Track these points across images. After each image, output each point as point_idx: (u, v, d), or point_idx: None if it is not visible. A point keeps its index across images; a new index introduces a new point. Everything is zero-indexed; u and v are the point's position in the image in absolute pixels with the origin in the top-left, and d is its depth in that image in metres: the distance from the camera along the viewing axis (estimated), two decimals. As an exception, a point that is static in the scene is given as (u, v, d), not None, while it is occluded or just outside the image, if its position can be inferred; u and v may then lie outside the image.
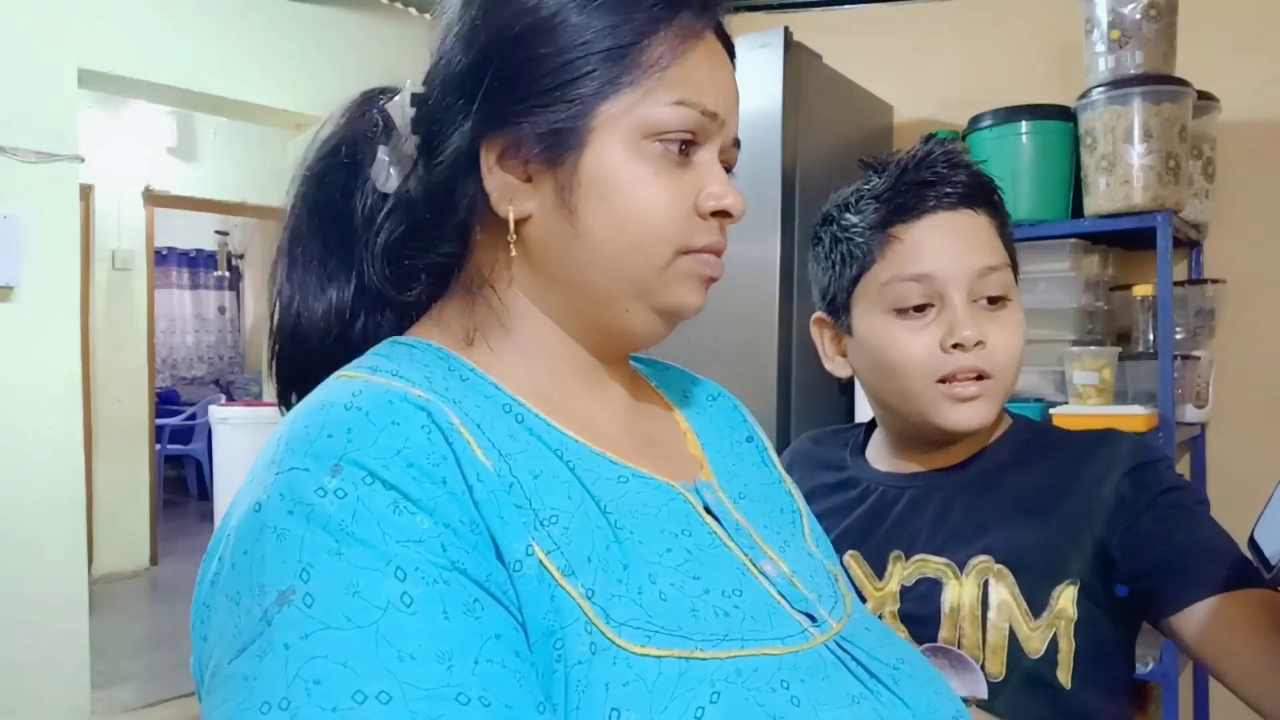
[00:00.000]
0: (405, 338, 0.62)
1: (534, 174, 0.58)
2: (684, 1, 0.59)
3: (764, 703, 0.49)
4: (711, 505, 0.62)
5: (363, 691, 0.41)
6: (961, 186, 0.89)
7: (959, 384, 0.86)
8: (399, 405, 0.50)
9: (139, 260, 5.03)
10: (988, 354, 0.86)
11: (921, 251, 0.87)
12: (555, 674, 0.47)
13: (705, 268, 0.61)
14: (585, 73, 0.56)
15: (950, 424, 0.87)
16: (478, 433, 0.52)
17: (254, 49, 3.06)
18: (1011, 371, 0.88)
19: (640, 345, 0.64)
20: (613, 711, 0.46)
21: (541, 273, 0.60)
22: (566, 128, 0.57)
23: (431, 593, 0.45)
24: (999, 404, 0.88)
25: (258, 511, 0.47)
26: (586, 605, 0.49)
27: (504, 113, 0.57)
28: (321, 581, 0.44)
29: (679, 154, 0.58)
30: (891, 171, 0.92)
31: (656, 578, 0.53)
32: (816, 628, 0.58)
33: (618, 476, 0.58)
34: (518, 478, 0.52)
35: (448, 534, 0.47)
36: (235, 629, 0.45)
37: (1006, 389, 0.88)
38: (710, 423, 0.74)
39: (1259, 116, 2.10)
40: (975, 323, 0.85)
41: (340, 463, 0.47)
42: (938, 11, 2.55)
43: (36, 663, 2.62)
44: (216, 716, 0.44)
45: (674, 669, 0.48)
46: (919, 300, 0.87)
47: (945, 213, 0.88)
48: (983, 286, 0.87)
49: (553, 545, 0.51)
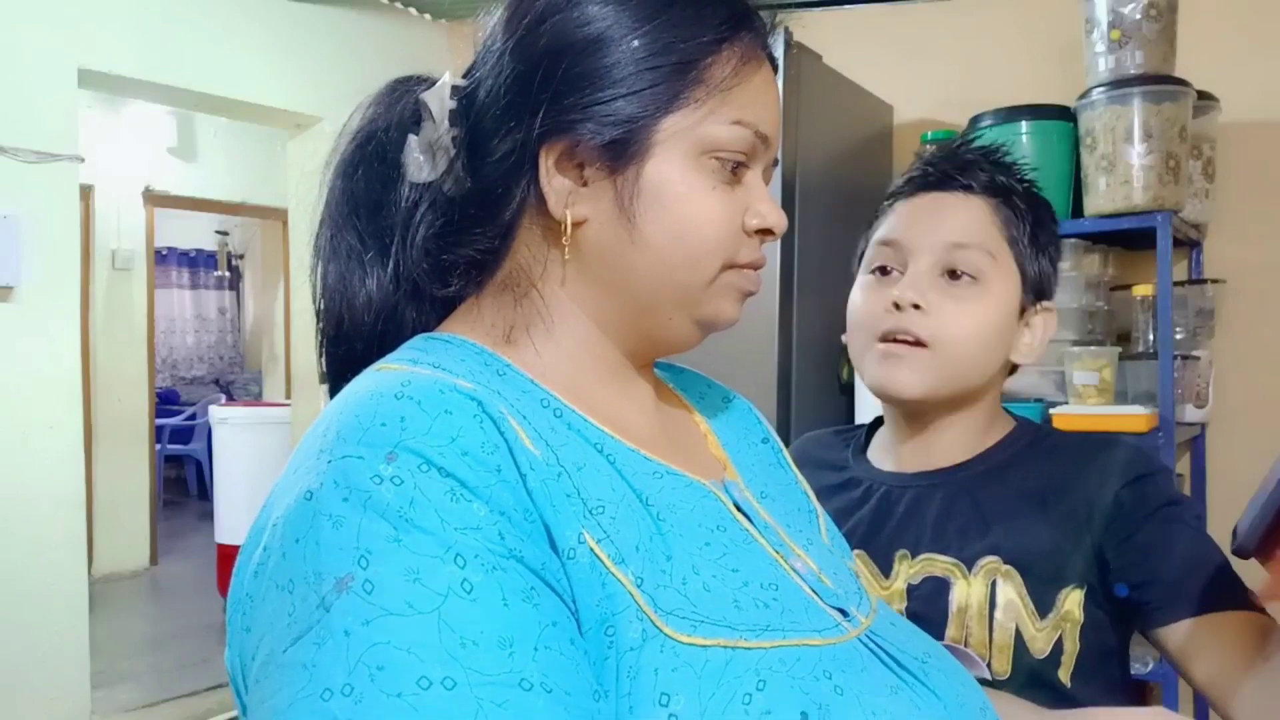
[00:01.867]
0: (438, 333, 0.62)
1: (591, 179, 0.59)
2: (748, 24, 0.61)
3: (809, 691, 0.50)
4: (740, 503, 0.63)
5: (427, 677, 0.41)
6: (970, 177, 0.91)
7: (892, 343, 0.88)
8: (450, 395, 0.50)
9: (139, 260, 5.03)
10: (930, 322, 0.87)
11: (900, 221, 0.92)
12: (608, 661, 0.48)
13: (747, 283, 0.63)
14: (653, 85, 0.58)
15: (873, 380, 0.90)
16: (524, 423, 0.53)
17: (254, 49, 3.06)
18: (956, 347, 0.87)
19: (673, 352, 0.66)
20: (663, 696, 0.47)
21: (591, 276, 0.61)
22: (631, 137, 0.58)
23: (491, 580, 0.45)
24: (937, 378, 0.88)
25: (309, 499, 0.47)
26: (637, 593, 0.50)
27: (567, 118, 0.58)
28: (381, 568, 0.44)
29: (731, 172, 0.60)
30: (919, 160, 0.97)
31: (699, 569, 0.54)
32: (849, 622, 0.59)
33: (653, 472, 0.58)
34: (564, 467, 0.53)
35: (504, 522, 0.47)
36: (289, 617, 0.44)
37: (951, 365, 0.88)
38: (728, 424, 0.75)
39: (1259, 116, 2.10)
40: (923, 290, 0.87)
41: (395, 450, 0.47)
42: (938, 11, 2.55)
43: (36, 663, 2.62)
44: (272, 704, 0.43)
45: (720, 657, 0.49)
46: (883, 263, 0.92)
47: (938, 193, 0.92)
48: (947, 259, 0.89)
49: (603, 534, 0.51)
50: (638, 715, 0.47)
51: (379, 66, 0.66)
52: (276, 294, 6.19)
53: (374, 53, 3.28)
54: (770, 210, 0.62)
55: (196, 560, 5.02)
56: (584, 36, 0.58)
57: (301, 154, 3.34)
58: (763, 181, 0.63)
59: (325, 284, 0.65)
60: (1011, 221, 0.91)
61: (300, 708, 0.42)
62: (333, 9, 3.24)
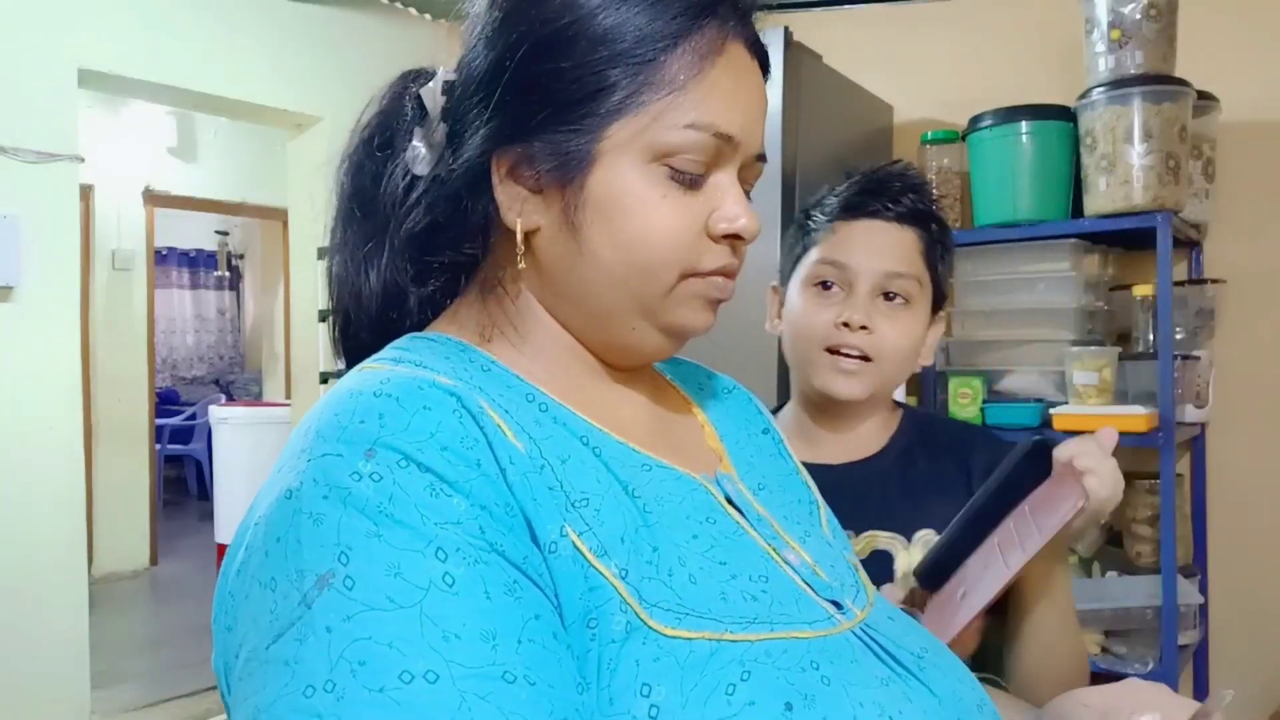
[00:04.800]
0: (425, 333, 0.62)
1: (544, 187, 0.58)
2: (709, 10, 0.57)
3: (794, 681, 0.50)
4: (733, 496, 0.63)
5: (409, 671, 0.41)
6: (901, 205, 1.05)
7: (844, 358, 1.03)
8: (428, 391, 0.50)
9: (139, 260, 5.03)
10: (873, 340, 1.02)
11: (846, 245, 1.05)
12: (590, 654, 0.48)
13: (713, 290, 0.60)
14: (597, 90, 0.55)
15: (827, 388, 1.04)
16: (507, 417, 0.53)
17: (254, 49, 3.06)
18: (893, 360, 1.04)
19: (650, 359, 0.65)
20: (644, 686, 0.47)
21: (548, 284, 0.61)
22: (575, 147, 0.56)
23: (473, 573, 0.45)
24: (876, 385, 1.04)
25: (289, 498, 0.47)
26: (620, 585, 0.50)
27: (517, 126, 0.57)
28: (362, 564, 0.44)
29: (690, 176, 0.57)
30: (855, 180, 1.09)
31: (686, 561, 0.53)
32: (842, 614, 0.59)
33: (641, 465, 0.58)
34: (548, 460, 0.53)
35: (484, 516, 0.47)
36: (271, 614, 0.44)
37: (886, 374, 1.04)
38: (727, 416, 0.74)
39: (1259, 116, 2.10)
40: (867, 312, 1.02)
41: (374, 447, 0.47)
42: (938, 11, 2.55)
43: (36, 662, 2.62)
44: (255, 702, 0.43)
45: (705, 649, 0.49)
46: (829, 279, 1.05)
47: (879, 221, 1.05)
48: (886, 285, 1.03)
49: (585, 527, 0.51)
50: (618, 706, 0.46)
51: (379, 66, 0.65)
52: (276, 294, 6.19)
53: (374, 53, 3.28)
54: (737, 214, 0.58)
55: (196, 560, 5.02)
56: (534, 42, 0.56)
57: (301, 154, 3.34)
58: (735, 182, 0.59)
59: (337, 276, 0.65)
60: (932, 247, 1.06)
61: (283, 705, 0.42)
62: (333, 9, 3.23)
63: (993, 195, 2.07)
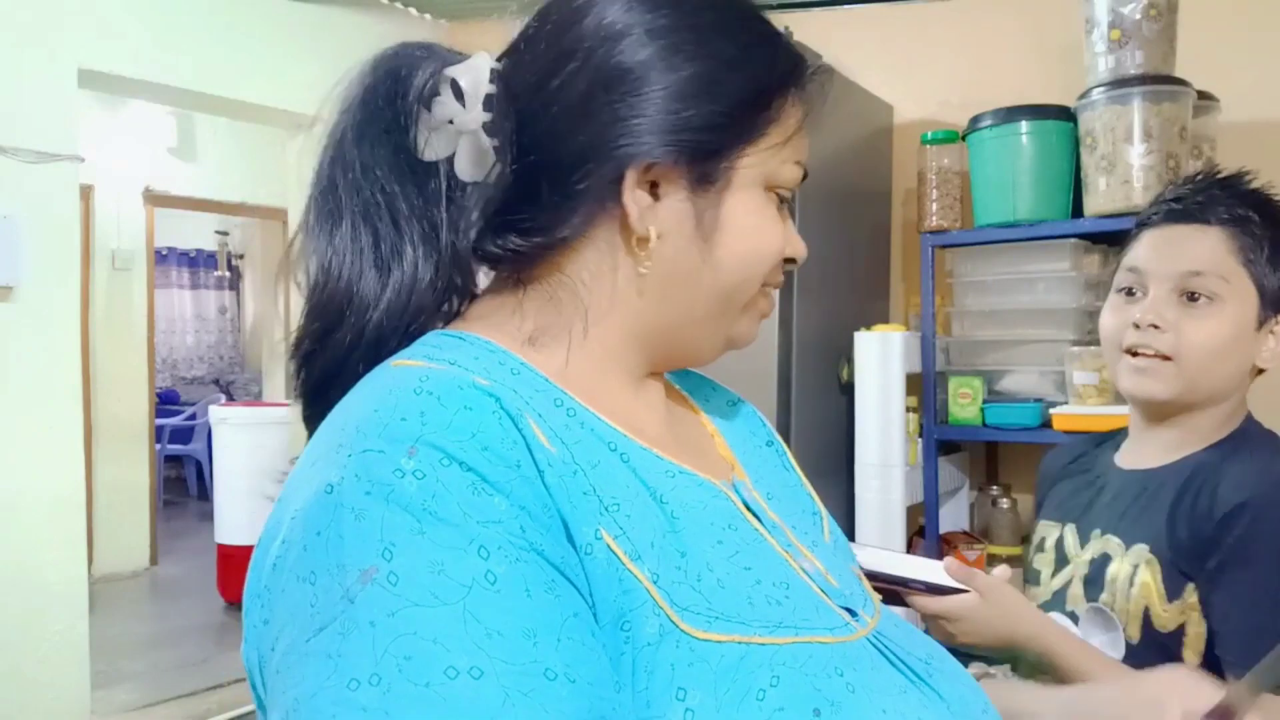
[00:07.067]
0: (450, 330, 0.61)
1: (665, 196, 0.60)
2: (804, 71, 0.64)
3: (821, 688, 0.51)
4: (749, 503, 0.64)
5: (454, 667, 0.42)
6: (1203, 209, 1.04)
7: (1138, 358, 1.04)
8: (469, 391, 0.50)
9: (139, 260, 5.03)
10: (1171, 339, 1.01)
11: (1144, 250, 1.07)
12: (624, 656, 0.49)
13: (768, 304, 0.67)
14: (737, 117, 0.60)
15: (1122, 387, 1.07)
16: (540, 421, 0.53)
17: (254, 49, 3.06)
18: (1197, 360, 1.01)
19: (693, 364, 0.69)
20: (679, 690, 0.48)
21: (649, 289, 0.61)
22: (717, 165, 0.60)
23: (514, 571, 0.45)
24: (1180, 385, 1.02)
25: (330, 493, 0.47)
26: (653, 589, 0.50)
27: (651, 138, 0.58)
28: (405, 560, 0.44)
29: (785, 204, 0.65)
30: (1167, 188, 1.11)
31: (713, 566, 0.54)
32: (857, 622, 0.60)
33: (666, 471, 0.59)
34: (580, 465, 0.53)
35: (524, 516, 0.47)
36: (311, 608, 0.45)
37: (1190, 374, 1.02)
38: (733, 427, 0.76)
39: (1259, 116, 2.10)
40: (1161, 312, 1.02)
41: (416, 445, 0.47)
42: (938, 11, 2.55)
43: (36, 663, 2.62)
44: (295, 694, 0.43)
45: (735, 653, 0.50)
46: (1128, 285, 1.07)
47: (1179, 226, 1.05)
48: (1185, 285, 1.02)
49: (619, 530, 0.52)
50: (655, 709, 0.47)
51: (379, 67, 0.65)
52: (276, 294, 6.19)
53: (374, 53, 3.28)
54: (798, 240, 0.66)
55: (196, 560, 5.01)
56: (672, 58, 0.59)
57: (301, 154, 3.34)
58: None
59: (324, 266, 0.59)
60: (1248, 246, 1.02)
61: (325, 697, 0.42)
62: (333, 9, 3.24)
63: (993, 195, 2.07)
